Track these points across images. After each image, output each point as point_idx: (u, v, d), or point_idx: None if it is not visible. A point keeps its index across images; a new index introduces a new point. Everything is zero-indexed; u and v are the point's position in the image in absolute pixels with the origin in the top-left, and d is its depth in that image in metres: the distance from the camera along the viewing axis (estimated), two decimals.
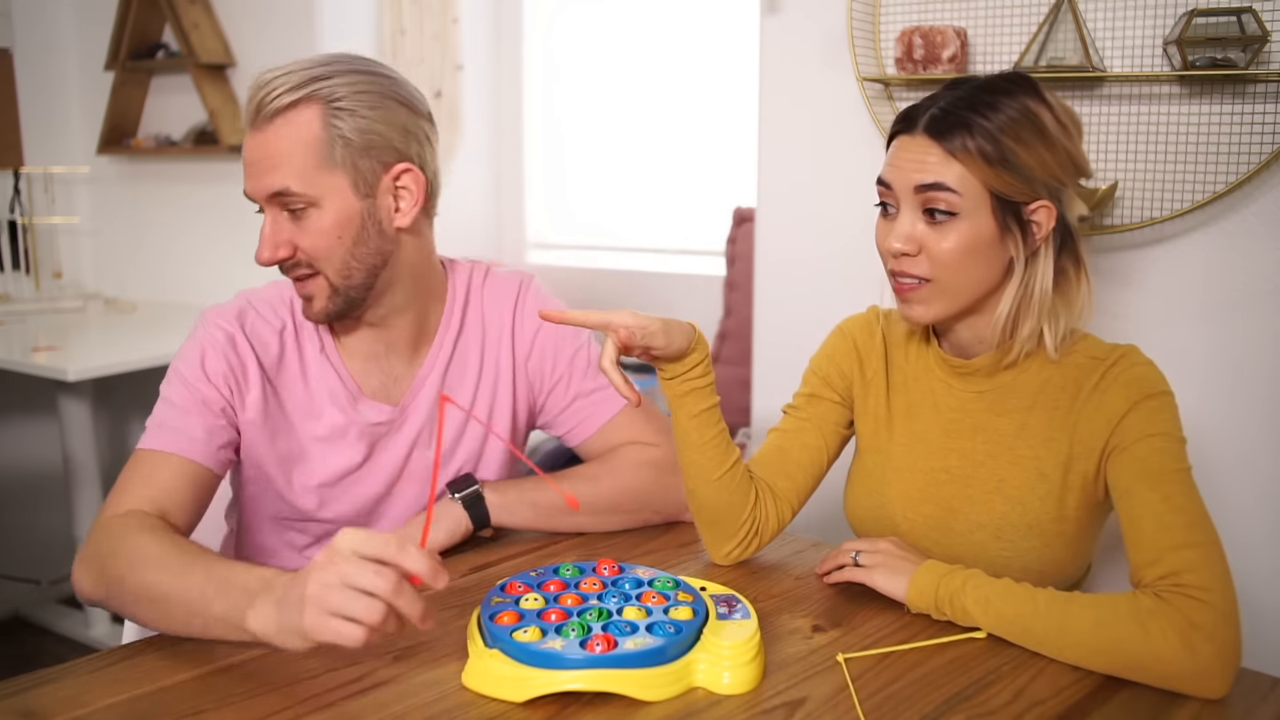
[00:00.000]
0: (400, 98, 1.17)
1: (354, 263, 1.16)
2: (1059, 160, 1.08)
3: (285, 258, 1.15)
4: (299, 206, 1.13)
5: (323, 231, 1.14)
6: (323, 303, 1.18)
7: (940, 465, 1.20)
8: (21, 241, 3.24)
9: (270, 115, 1.12)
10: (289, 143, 1.12)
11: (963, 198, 1.07)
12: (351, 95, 1.13)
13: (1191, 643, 0.93)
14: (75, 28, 3.39)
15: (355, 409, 1.25)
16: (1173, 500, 1.02)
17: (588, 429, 1.35)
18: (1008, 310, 1.11)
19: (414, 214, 1.19)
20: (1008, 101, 1.07)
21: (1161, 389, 1.10)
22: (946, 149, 1.07)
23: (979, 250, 1.08)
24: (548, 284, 1.42)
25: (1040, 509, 1.14)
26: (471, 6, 3.59)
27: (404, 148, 1.17)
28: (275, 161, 1.12)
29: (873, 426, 1.26)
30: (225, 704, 0.89)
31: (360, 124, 1.13)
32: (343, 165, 1.13)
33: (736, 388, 2.80)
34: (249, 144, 1.15)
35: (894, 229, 1.10)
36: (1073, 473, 1.13)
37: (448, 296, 1.30)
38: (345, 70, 1.15)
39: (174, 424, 1.16)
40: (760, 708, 0.91)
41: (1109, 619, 0.96)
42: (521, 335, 1.33)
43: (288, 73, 1.13)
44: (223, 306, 1.24)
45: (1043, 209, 1.08)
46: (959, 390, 1.19)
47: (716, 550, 1.22)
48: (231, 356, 1.19)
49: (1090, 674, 0.97)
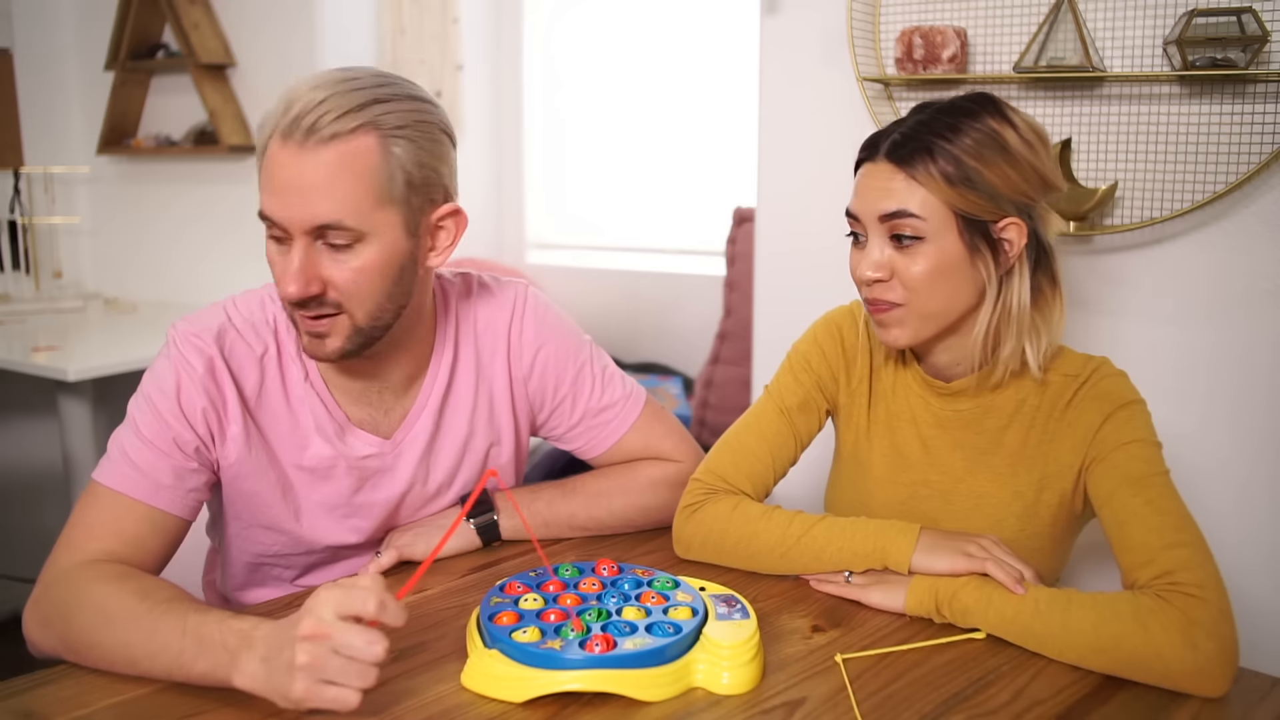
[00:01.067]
0: (447, 129, 1.10)
1: (387, 304, 1.08)
2: (1025, 176, 1.08)
3: (316, 294, 1.04)
4: (343, 242, 1.03)
5: (365, 270, 1.04)
6: (340, 343, 1.08)
7: (920, 479, 1.21)
8: (21, 241, 3.24)
9: (326, 139, 1.00)
10: (347, 173, 1.01)
11: (927, 222, 1.07)
12: (411, 125, 1.05)
13: (1193, 639, 0.93)
14: (75, 28, 3.39)
15: (343, 441, 1.18)
16: (1156, 503, 1.04)
17: (600, 445, 1.32)
18: (984, 330, 1.11)
19: (448, 254, 1.12)
20: (969, 122, 1.08)
21: (1132, 398, 1.11)
22: (908, 174, 1.07)
23: (949, 272, 1.09)
24: (548, 284, 1.41)
25: (1017, 526, 1.15)
26: (471, 6, 3.60)
27: (449, 185, 1.10)
28: (326, 191, 1.00)
29: (854, 436, 1.26)
30: (225, 704, 0.89)
31: (419, 157, 1.05)
32: (398, 201, 1.04)
33: (736, 388, 2.80)
34: (289, 166, 1.01)
35: (864, 257, 1.12)
36: (1048, 490, 1.14)
37: (439, 325, 1.23)
38: (401, 95, 1.05)
39: (142, 463, 1.06)
40: (759, 708, 0.91)
41: (1109, 618, 0.96)
42: (519, 355, 1.27)
43: (340, 92, 1.02)
44: (198, 320, 1.13)
45: (1012, 226, 1.09)
46: (937, 408, 1.20)
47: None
48: (211, 388, 1.10)
49: (1090, 674, 0.97)
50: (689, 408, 3.06)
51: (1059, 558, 1.19)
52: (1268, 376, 1.50)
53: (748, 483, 1.23)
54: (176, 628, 0.91)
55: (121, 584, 0.97)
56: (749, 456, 1.24)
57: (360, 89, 1.03)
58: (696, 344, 3.25)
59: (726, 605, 1.01)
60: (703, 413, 2.91)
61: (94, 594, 0.97)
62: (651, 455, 1.32)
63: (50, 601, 1.01)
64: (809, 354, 1.27)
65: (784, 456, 1.26)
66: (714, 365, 2.92)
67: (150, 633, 0.92)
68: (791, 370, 1.28)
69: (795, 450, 1.27)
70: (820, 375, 1.27)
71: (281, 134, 1.01)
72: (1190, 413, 1.55)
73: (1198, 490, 1.50)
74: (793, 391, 1.27)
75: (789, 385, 1.27)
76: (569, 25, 3.66)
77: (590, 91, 3.64)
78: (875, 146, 1.12)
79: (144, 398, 1.10)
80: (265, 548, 1.22)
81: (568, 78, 3.69)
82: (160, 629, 0.91)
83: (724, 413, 2.82)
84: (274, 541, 1.21)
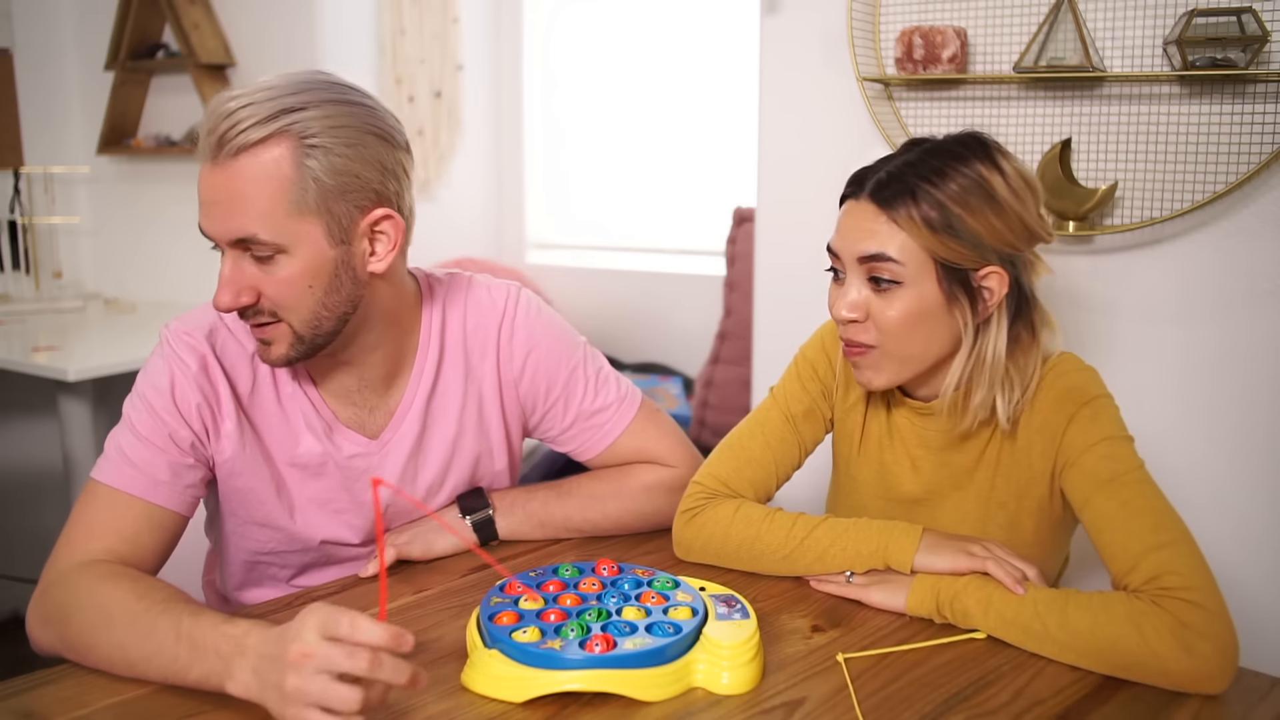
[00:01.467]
0: (379, 130, 1.06)
1: (324, 312, 1.07)
2: (1010, 227, 1.06)
3: (248, 304, 1.05)
4: (265, 255, 1.03)
5: (291, 281, 1.04)
6: (283, 350, 1.08)
7: (910, 497, 1.21)
8: (21, 241, 3.23)
9: (234, 151, 1.00)
10: (255, 185, 1.00)
11: (905, 267, 1.06)
12: (327, 131, 1.02)
13: (1187, 643, 0.93)
14: (75, 28, 3.39)
15: (331, 440, 1.18)
16: (1131, 503, 1.03)
17: (594, 448, 1.31)
18: (956, 379, 1.10)
19: (390, 259, 1.10)
20: (957, 167, 1.05)
21: (1094, 393, 1.09)
22: (890, 216, 1.06)
23: (924, 318, 1.07)
24: (548, 284, 1.41)
25: (1004, 537, 1.15)
26: (471, 6, 3.60)
27: (382, 189, 1.07)
28: (239, 204, 1.01)
29: (849, 449, 1.26)
30: (225, 705, 0.89)
31: (336, 163, 1.02)
32: (316, 210, 1.03)
33: (736, 388, 2.80)
34: (207, 179, 1.03)
35: (841, 296, 1.11)
36: (1027, 498, 1.14)
37: (424, 324, 1.22)
38: (320, 100, 1.03)
39: (138, 459, 1.07)
40: (759, 708, 0.91)
41: (1104, 620, 0.96)
42: (509, 357, 1.26)
43: (254, 102, 1.01)
44: (190, 319, 1.14)
45: (994, 275, 1.07)
46: (920, 427, 1.20)
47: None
48: (205, 386, 1.11)
49: (1090, 674, 0.97)
50: (689, 408, 3.06)
51: (1051, 563, 1.20)
52: (1268, 376, 1.50)
53: (749, 489, 1.23)
54: (171, 631, 0.90)
55: (117, 584, 0.97)
56: (752, 463, 1.24)
57: (273, 98, 1.02)
58: (696, 344, 3.25)
59: (726, 605, 1.01)
60: (703, 413, 2.91)
61: (92, 595, 0.97)
62: (646, 458, 1.32)
63: (50, 601, 1.01)
64: (816, 361, 1.27)
65: (787, 463, 1.26)
66: (714, 365, 2.92)
67: (146, 635, 0.92)
68: (799, 377, 1.27)
69: (799, 457, 1.27)
70: (825, 383, 1.27)
71: (203, 151, 1.03)
72: (1190, 413, 1.55)
73: (1198, 490, 1.50)
74: (799, 399, 1.26)
75: (795, 392, 1.26)
76: (569, 25, 3.66)
77: (590, 92, 3.64)
78: (860, 184, 1.10)
79: (139, 396, 1.11)
80: (261, 545, 1.22)
81: (568, 78, 3.69)
82: (156, 632, 0.91)
83: (724, 413, 2.82)
84: (269, 539, 1.21)
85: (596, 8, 3.58)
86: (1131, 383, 1.11)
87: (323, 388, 1.19)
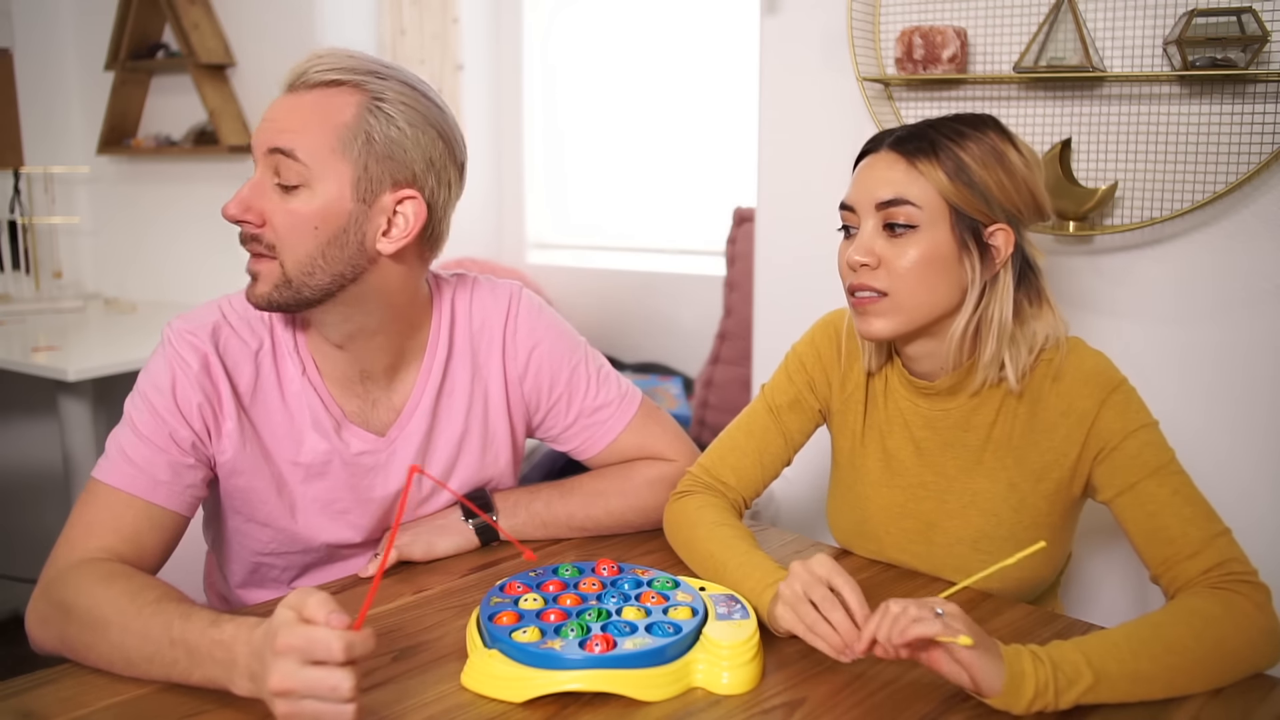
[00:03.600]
0: (442, 130, 1.10)
1: (320, 261, 1.07)
2: (1018, 188, 1.10)
3: (250, 223, 1.07)
4: (291, 184, 1.05)
5: (302, 215, 1.05)
6: (267, 289, 1.08)
7: (916, 481, 1.21)
8: (21, 241, 3.24)
9: (311, 84, 1.06)
10: (315, 113, 1.05)
11: (923, 210, 1.09)
12: (397, 102, 1.07)
13: (1266, 625, 0.98)
14: (75, 28, 3.39)
15: (339, 436, 1.18)
16: (1183, 492, 1.06)
17: (595, 445, 1.32)
18: (961, 330, 1.11)
19: (401, 244, 1.10)
20: (973, 132, 1.11)
21: (1120, 378, 1.12)
22: (910, 161, 1.09)
23: (937, 264, 1.09)
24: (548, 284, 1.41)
25: (1014, 519, 1.15)
26: (471, 6, 3.60)
27: (421, 176, 1.09)
28: (294, 123, 1.05)
29: (849, 442, 1.26)
30: (225, 704, 0.89)
31: (392, 134, 1.06)
32: (355, 160, 1.06)
33: (736, 388, 2.80)
34: (276, 105, 1.08)
35: (853, 243, 1.12)
36: (1045, 480, 1.14)
37: (433, 321, 1.23)
38: (404, 80, 1.09)
39: (139, 459, 1.08)
40: (759, 708, 0.91)
41: (1201, 626, 0.96)
42: (514, 354, 1.27)
43: (348, 56, 1.08)
44: (193, 318, 1.14)
45: (1001, 232, 1.10)
46: (925, 409, 1.20)
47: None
48: (206, 384, 1.11)
49: None
50: (689, 408, 3.06)
51: (1060, 544, 1.19)
52: (1268, 376, 1.50)
53: (733, 477, 1.25)
54: (164, 636, 0.91)
55: (111, 585, 0.97)
56: (735, 452, 1.26)
57: (362, 61, 1.08)
58: (696, 344, 3.25)
59: (726, 605, 1.01)
60: (703, 413, 2.91)
61: (87, 596, 0.97)
62: (647, 455, 1.32)
63: (49, 601, 1.01)
64: (804, 355, 1.28)
65: (772, 455, 1.27)
66: (714, 365, 2.92)
67: (142, 638, 0.92)
68: (786, 370, 1.30)
69: (784, 449, 1.28)
70: (813, 376, 1.27)
71: (284, 84, 1.08)
72: (1191, 412, 1.55)
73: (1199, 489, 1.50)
74: (784, 391, 1.28)
75: (781, 384, 1.29)
76: (569, 25, 3.66)
77: (590, 91, 3.64)
78: (879, 141, 1.14)
79: (140, 395, 1.11)
80: (262, 545, 1.22)
81: (568, 78, 3.69)
82: (150, 635, 0.92)
83: (724, 413, 2.82)
84: (270, 539, 1.21)
85: (596, 8, 3.58)
86: (1131, 382, 1.11)
87: (327, 377, 1.18)
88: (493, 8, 3.72)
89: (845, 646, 0.93)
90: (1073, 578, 1.64)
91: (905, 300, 1.10)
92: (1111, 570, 1.63)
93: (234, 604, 1.28)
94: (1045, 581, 1.21)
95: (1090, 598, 1.63)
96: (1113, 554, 1.62)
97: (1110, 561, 1.62)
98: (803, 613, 0.95)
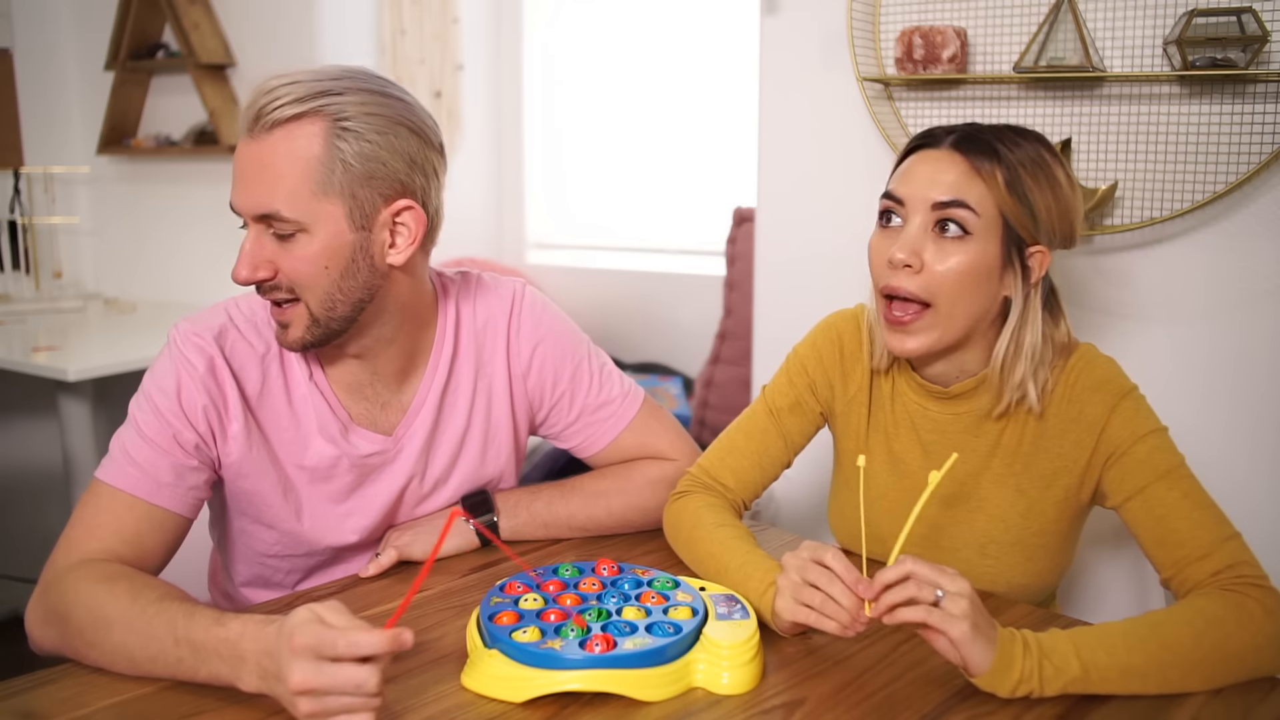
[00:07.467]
0: (412, 124, 1.08)
1: (339, 295, 1.08)
2: (1062, 213, 1.09)
3: (265, 279, 1.07)
4: (286, 233, 1.05)
5: (308, 259, 1.05)
6: (300, 333, 1.09)
7: (922, 485, 1.20)
8: (21, 241, 3.24)
9: (270, 125, 1.03)
10: (286, 160, 1.03)
11: (980, 218, 1.06)
12: (361, 116, 1.04)
13: (1274, 631, 0.97)
14: (75, 28, 3.39)
15: (347, 439, 1.18)
16: (1192, 495, 1.05)
17: (597, 443, 1.32)
18: (1004, 350, 1.09)
19: (409, 252, 1.11)
20: (1027, 144, 1.09)
21: (1130, 385, 1.11)
22: (973, 165, 1.06)
23: (980, 276, 1.07)
24: (548, 284, 1.41)
25: (1022, 525, 1.15)
26: (471, 6, 3.60)
27: (408, 180, 1.08)
28: (267, 179, 1.03)
29: (854, 444, 1.26)
30: (225, 704, 0.89)
31: (365, 149, 1.04)
32: (340, 192, 1.04)
33: (736, 388, 2.80)
34: (242, 152, 1.05)
35: (899, 239, 1.08)
36: (1054, 486, 1.14)
37: (439, 320, 1.23)
38: (357, 88, 1.06)
39: (142, 460, 1.07)
40: (759, 708, 0.91)
41: (1203, 626, 0.96)
42: (518, 351, 1.27)
43: (295, 81, 1.04)
44: (200, 320, 1.14)
45: (1039, 255, 1.09)
46: (935, 412, 1.19)
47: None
48: (212, 387, 1.11)
49: None
50: (689, 408, 3.06)
51: (1066, 552, 1.19)
52: (1267, 376, 1.50)
53: (731, 478, 1.25)
54: (168, 635, 0.91)
55: (112, 585, 0.97)
56: (734, 453, 1.26)
57: (316, 80, 1.05)
58: (696, 344, 3.25)
59: (726, 605, 1.01)
60: (703, 413, 2.91)
61: (89, 596, 0.97)
62: (649, 454, 1.32)
63: (49, 601, 1.01)
64: (805, 357, 1.27)
65: (771, 456, 1.26)
66: (714, 365, 2.92)
67: (145, 637, 0.92)
68: (786, 372, 1.29)
69: (784, 451, 1.27)
70: (814, 379, 1.26)
71: (242, 124, 1.06)
72: (1189, 412, 1.55)
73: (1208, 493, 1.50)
74: (784, 393, 1.27)
75: (782, 386, 1.28)
76: (569, 25, 3.66)
77: (590, 92, 3.64)
78: (935, 137, 1.11)
79: (145, 396, 1.11)
80: (267, 547, 1.22)
81: (568, 78, 3.69)
82: (154, 634, 0.92)
83: (724, 413, 2.82)
84: (275, 540, 1.21)
85: (596, 8, 3.58)
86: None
87: (334, 382, 1.18)
88: (493, 8, 3.72)
89: (851, 621, 0.92)
90: (1076, 585, 1.64)
91: (946, 313, 1.08)
92: (1115, 579, 1.62)
93: (238, 602, 1.28)
94: (1048, 588, 1.20)
95: (1093, 606, 1.63)
96: (1116, 563, 1.61)
97: (1114, 570, 1.62)
98: (805, 596, 0.95)
